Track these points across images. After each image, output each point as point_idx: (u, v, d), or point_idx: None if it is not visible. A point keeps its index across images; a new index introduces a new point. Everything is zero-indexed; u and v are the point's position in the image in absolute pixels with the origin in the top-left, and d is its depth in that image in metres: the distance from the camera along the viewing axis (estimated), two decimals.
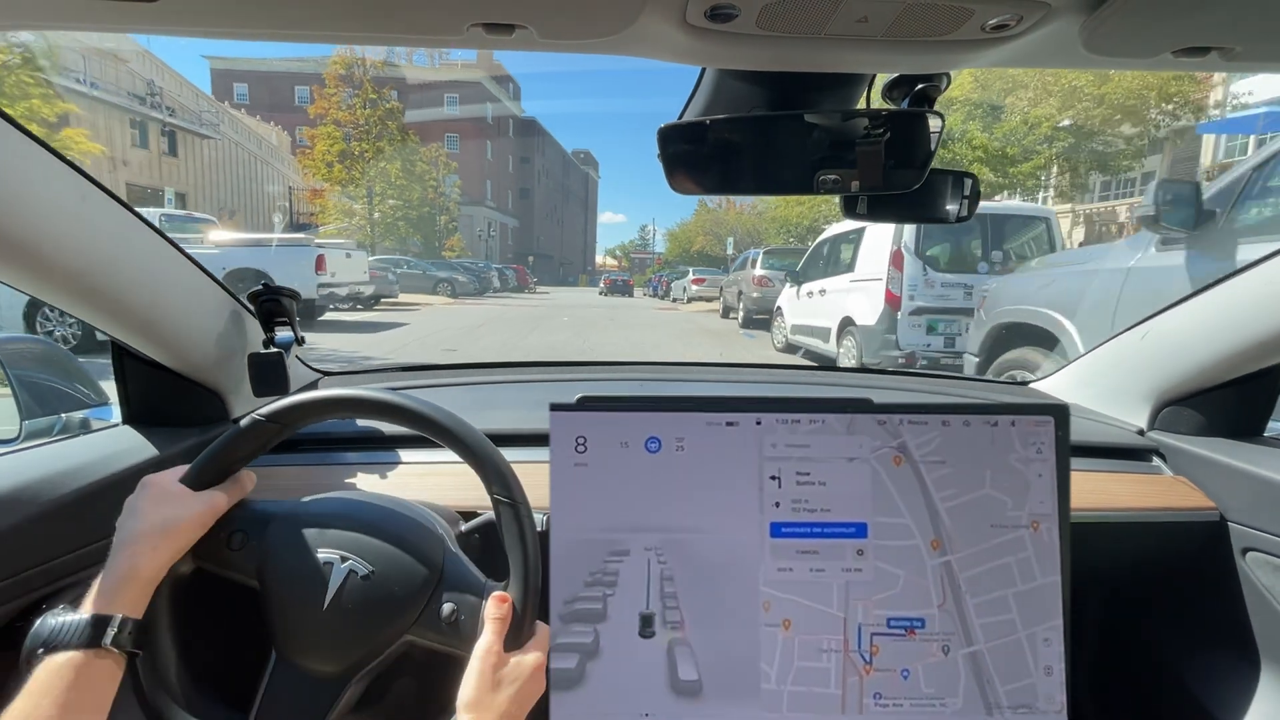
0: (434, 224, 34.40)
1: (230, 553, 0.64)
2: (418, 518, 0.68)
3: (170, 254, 0.79)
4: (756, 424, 0.67)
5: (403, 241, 29.42)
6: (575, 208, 77.85)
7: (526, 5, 0.45)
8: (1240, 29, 0.47)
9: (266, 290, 0.92)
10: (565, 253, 72.09)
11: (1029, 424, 0.68)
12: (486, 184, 51.17)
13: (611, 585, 0.66)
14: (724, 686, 0.64)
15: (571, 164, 76.16)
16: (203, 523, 0.62)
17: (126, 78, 20.98)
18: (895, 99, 0.69)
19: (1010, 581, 0.66)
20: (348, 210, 27.65)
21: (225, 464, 0.66)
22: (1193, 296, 0.93)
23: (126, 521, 0.60)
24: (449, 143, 46.90)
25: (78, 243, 0.65)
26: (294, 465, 0.89)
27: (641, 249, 70.84)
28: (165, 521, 0.60)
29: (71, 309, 0.71)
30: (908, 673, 0.65)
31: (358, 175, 26.95)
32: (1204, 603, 0.92)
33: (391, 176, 28.11)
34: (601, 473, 0.67)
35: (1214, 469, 0.90)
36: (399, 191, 29.13)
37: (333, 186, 26.98)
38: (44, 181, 0.60)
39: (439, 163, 34.43)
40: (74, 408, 1.42)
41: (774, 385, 1.33)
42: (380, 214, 29.14)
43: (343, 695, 0.62)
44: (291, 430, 0.67)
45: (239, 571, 0.64)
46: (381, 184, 28.23)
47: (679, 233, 51.67)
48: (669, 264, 46.78)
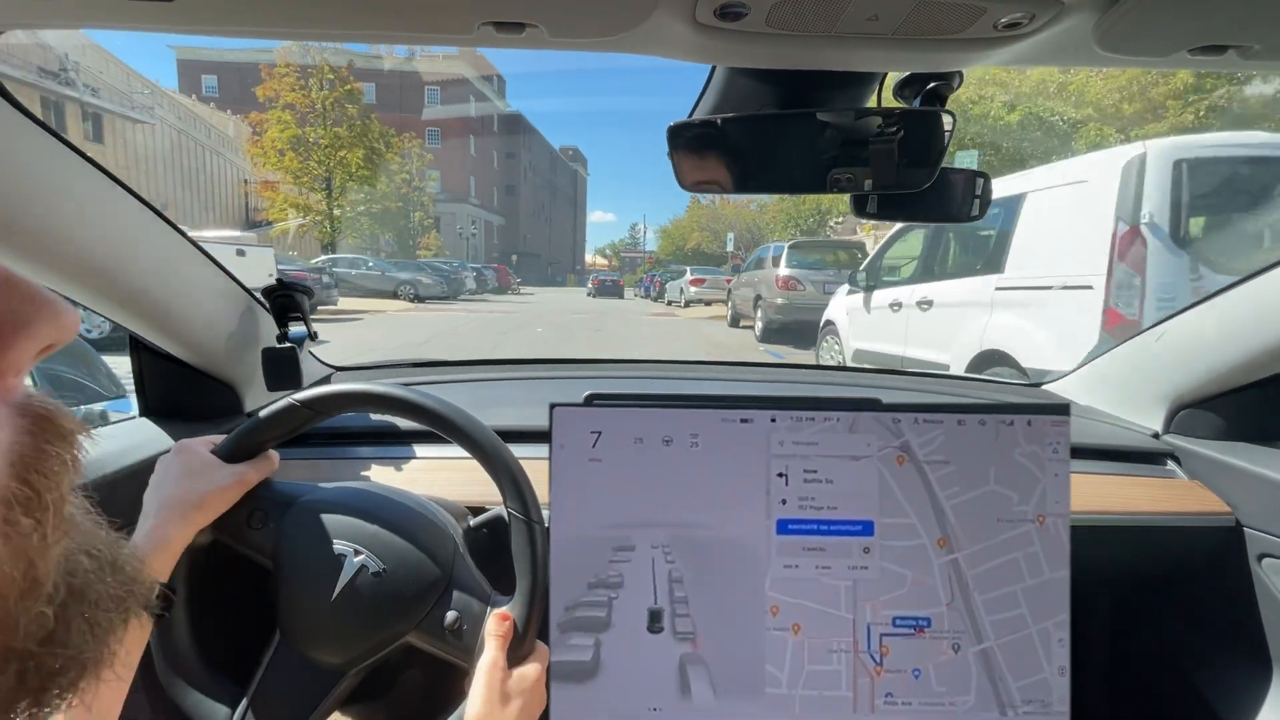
0: (408, 220, 31.91)
1: (250, 530, 0.65)
2: (431, 515, 0.69)
3: (187, 250, 0.80)
4: (771, 421, 0.67)
5: (372, 239, 27.09)
6: (564, 205, 76.05)
7: (537, 4, 0.45)
8: (1258, 26, 0.46)
9: (280, 286, 0.93)
10: (554, 251, 70.54)
11: (1046, 424, 0.67)
12: (470, 180, 49.78)
13: (619, 579, 0.66)
14: (734, 689, 0.64)
15: (559, 160, 74.12)
16: (231, 497, 0.64)
17: (37, 52, 17.73)
18: (906, 97, 0.68)
19: (1019, 577, 0.65)
20: (302, 204, 23.75)
21: (259, 441, 0.67)
22: (1210, 298, 0.91)
23: (161, 486, 0.61)
24: (430, 137, 45.23)
25: (96, 238, 0.66)
26: (304, 459, 0.90)
27: (632, 248, 68.96)
28: (197, 492, 0.61)
29: (89, 304, 0.73)
30: (919, 672, 0.64)
31: (314, 165, 23.28)
32: (1218, 608, 0.91)
33: (352, 167, 24.11)
34: (615, 468, 0.67)
35: (1230, 473, 0.89)
36: (361, 184, 25.59)
37: (286, 178, 23.55)
38: (63, 177, 0.62)
39: (413, 155, 31.71)
40: (93, 400, 1.44)
41: (779, 384, 1.32)
42: (341, 209, 25.14)
43: (339, 686, 0.63)
44: (322, 419, 0.69)
45: (255, 550, 0.65)
46: (342, 175, 24.12)
47: (671, 230, 49.33)
48: (661, 263, 44.81)
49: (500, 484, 0.64)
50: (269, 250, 11.75)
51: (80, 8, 0.47)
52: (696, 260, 35.48)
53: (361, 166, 24.23)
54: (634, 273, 48.28)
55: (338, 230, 24.83)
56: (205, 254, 0.83)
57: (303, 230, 25.29)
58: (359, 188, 25.50)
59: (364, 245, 26.86)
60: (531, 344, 9.82)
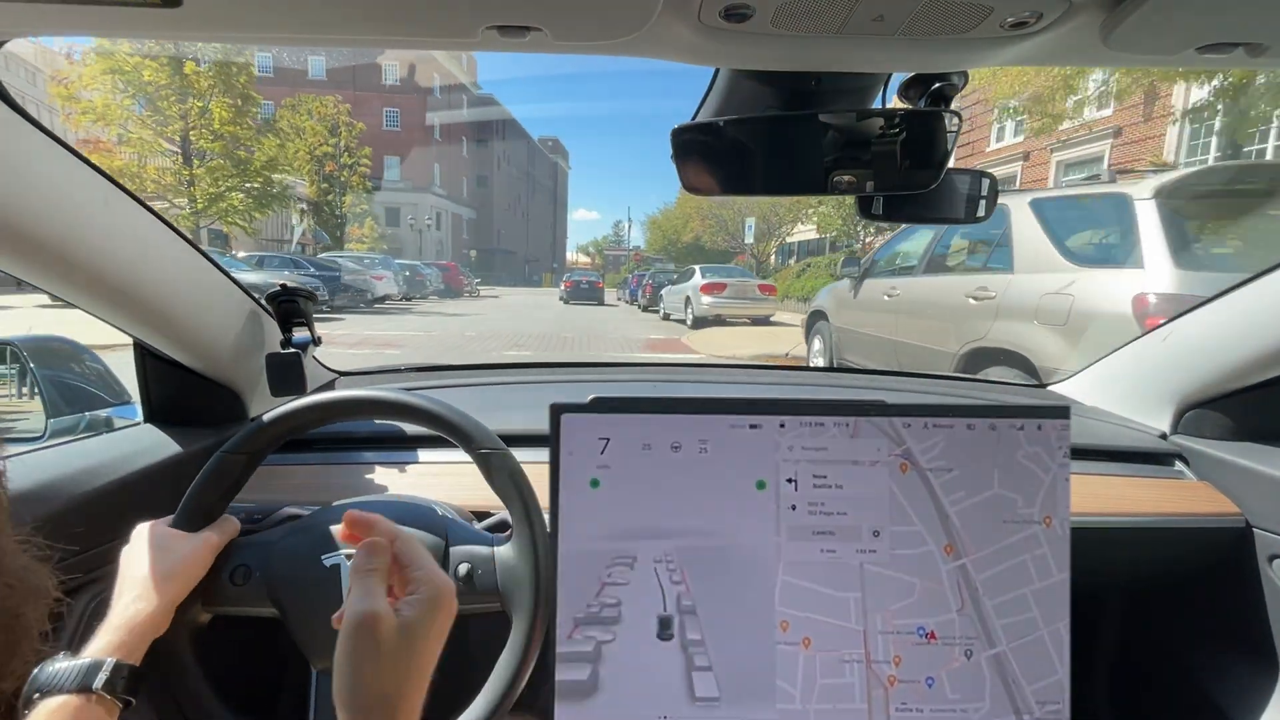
0: (333, 208, 24.42)
1: (238, 589, 0.64)
2: (407, 500, 0.70)
3: (191, 256, 0.80)
4: (780, 426, 0.66)
5: (246, 219, 17.38)
6: (543, 200, 69.47)
7: (541, 7, 0.45)
8: (1268, 24, 0.46)
9: (284, 291, 0.93)
10: (531, 249, 64.28)
11: (1050, 426, 0.67)
12: (434, 168, 42.94)
13: (626, 588, 0.65)
14: (744, 699, 0.64)
15: (538, 151, 67.15)
16: (203, 561, 0.62)
17: None
18: (912, 98, 0.68)
19: (1028, 580, 0.65)
20: (132, 172, 15.24)
21: (207, 502, 0.66)
22: (1217, 298, 0.91)
23: (124, 570, 0.60)
24: (388, 120, 39.24)
25: (101, 244, 0.66)
26: (307, 464, 0.90)
27: (616, 245, 59.64)
28: (164, 564, 0.59)
29: (95, 310, 0.73)
30: (932, 680, 0.64)
31: (148, 117, 15.72)
32: (1227, 610, 0.90)
33: (215, 123, 16.34)
34: (624, 475, 0.66)
35: (1239, 474, 0.88)
36: (227, 147, 16.73)
37: (114, 133, 15.46)
38: (68, 184, 0.62)
39: (339, 125, 23.86)
40: (98, 406, 1.44)
41: (786, 386, 1.32)
42: (200, 180, 16.64)
43: None
44: (262, 456, 0.68)
45: (254, 605, 0.65)
46: (205, 136, 16.43)
47: (661, 220, 38.88)
48: (647, 260, 35.80)
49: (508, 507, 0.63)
50: None
51: (85, 15, 0.47)
52: (694, 257, 27.66)
53: (228, 124, 16.50)
54: (617, 272, 40.69)
55: (205, 212, 16.85)
56: (210, 260, 0.84)
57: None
58: (224, 153, 16.75)
59: (250, 229, 17.94)
60: None
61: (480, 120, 49.68)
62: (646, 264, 31.78)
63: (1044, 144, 13.57)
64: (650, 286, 17.61)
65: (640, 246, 46.84)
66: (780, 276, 18.90)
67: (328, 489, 0.84)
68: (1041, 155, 14.34)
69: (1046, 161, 14.25)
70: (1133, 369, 1.09)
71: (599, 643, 0.65)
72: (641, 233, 48.01)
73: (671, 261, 29.42)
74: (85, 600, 0.71)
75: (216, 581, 0.64)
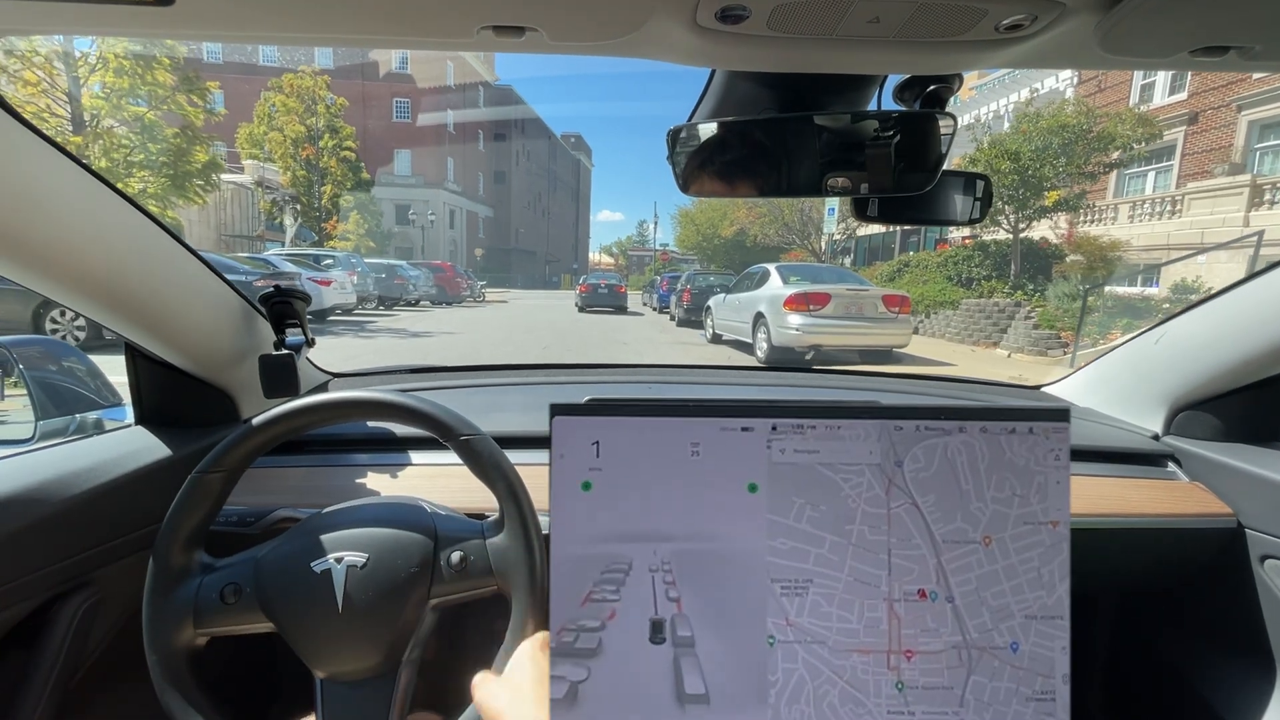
0: (310, 198, 20.20)
1: (230, 608, 0.64)
2: (389, 499, 0.70)
3: (183, 256, 0.80)
4: (772, 429, 0.66)
5: (161, 204, 12.75)
6: (564, 198, 65.00)
7: (537, 7, 0.45)
8: (1260, 28, 0.46)
9: (278, 292, 0.93)
10: (552, 248, 60.89)
11: (1047, 429, 0.67)
12: (448, 163, 39.71)
13: (617, 591, 0.65)
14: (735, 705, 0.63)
15: (559, 148, 62.86)
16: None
17: None
18: (907, 100, 0.68)
19: (1026, 585, 0.65)
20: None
21: (190, 526, 0.65)
22: (1209, 299, 0.92)
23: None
24: (399, 111, 36.06)
25: (91, 244, 0.66)
26: (300, 466, 0.89)
27: (640, 245, 54.96)
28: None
29: (84, 310, 0.72)
30: (930, 687, 0.64)
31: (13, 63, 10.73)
32: (1220, 610, 0.90)
33: (109, 76, 12.10)
34: (616, 478, 0.66)
35: (1231, 475, 0.89)
36: (129, 111, 12.53)
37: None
38: (57, 183, 0.61)
39: (317, 102, 20.18)
40: (88, 408, 1.43)
41: (779, 388, 1.32)
42: (103, 153, 12.13)
43: (397, 683, 0.62)
44: (240, 471, 0.67)
45: (249, 622, 0.64)
46: (101, 97, 12.33)
47: (695, 213, 31.59)
48: (675, 260, 32.84)
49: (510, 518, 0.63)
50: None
51: (78, 13, 0.46)
52: (728, 257, 22.79)
53: (141, 81, 12.38)
54: (642, 274, 35.40)
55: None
56: (203, 260, 0.83)
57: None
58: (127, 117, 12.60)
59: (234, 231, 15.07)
60: None
61: (498, 111, 46.22)
62: (674, 264, 29.55)
63: (1219, 101, 10.41)
64: (689, 292, 13.25)
65: (668, 245, 41.48)
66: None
67: (321, 491, 0.83)
68: (1219, 116, 10.88)
69: (1233, 123, 10.86)
70: (1125, 370, 1.10)
71: (590, 646, 0.65)
72: (671, 229, 41.97)
73: (704, 262, 26.61)
74: (77, 603, 0.70)
75: (208, 603, 0.63)
